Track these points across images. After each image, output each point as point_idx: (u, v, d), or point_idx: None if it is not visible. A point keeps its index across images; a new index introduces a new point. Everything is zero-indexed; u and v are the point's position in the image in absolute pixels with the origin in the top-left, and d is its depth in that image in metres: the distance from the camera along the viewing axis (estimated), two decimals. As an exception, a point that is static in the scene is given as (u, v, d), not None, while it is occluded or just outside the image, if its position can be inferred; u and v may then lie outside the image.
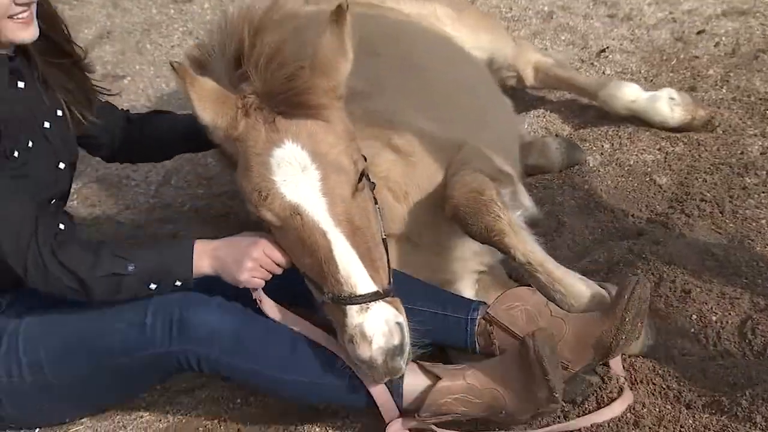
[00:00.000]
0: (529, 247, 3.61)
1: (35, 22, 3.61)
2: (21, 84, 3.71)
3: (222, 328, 3.43)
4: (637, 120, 5.43)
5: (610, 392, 3.52)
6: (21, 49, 3.72)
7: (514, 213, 3.75)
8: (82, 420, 3.88)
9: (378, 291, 3.22)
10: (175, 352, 3.41)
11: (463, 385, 3.41)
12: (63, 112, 3.88)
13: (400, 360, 3.25)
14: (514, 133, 4.95)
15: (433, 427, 3.47)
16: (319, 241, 3.23)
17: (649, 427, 3.41)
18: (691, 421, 3.38)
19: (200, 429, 3.81)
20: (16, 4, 3.47)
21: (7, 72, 3.67)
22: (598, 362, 3.52)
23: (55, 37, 3.88)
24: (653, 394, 3.59)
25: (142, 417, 3.90)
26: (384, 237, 3.46)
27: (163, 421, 3.89)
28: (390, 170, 3.86)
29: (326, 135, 3.29)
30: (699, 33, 6.50)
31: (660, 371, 3.66)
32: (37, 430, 3.87)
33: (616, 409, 3.48)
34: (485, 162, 3.94)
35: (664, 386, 3.58)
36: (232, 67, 3.45)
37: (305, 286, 3.45)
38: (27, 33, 3.60)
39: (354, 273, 3.22)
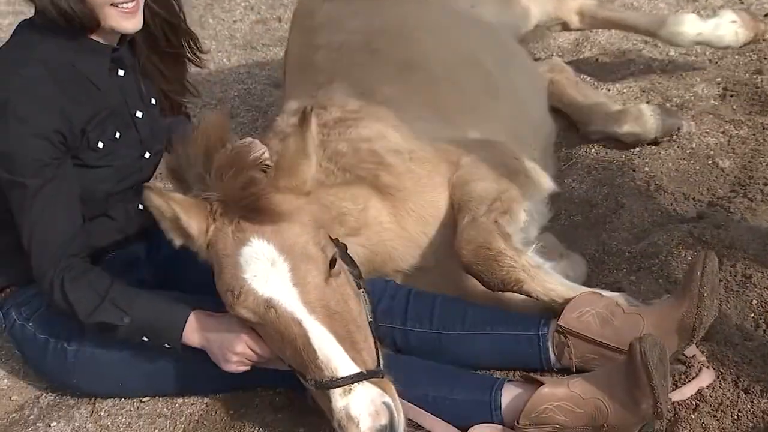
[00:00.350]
0: (548, 286, 3.56)
1: (140, 14, 3.63)
2: (121, 72, 3.78)
3: None
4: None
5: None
6: (125, 36, 3.75)
7: (515, 237, 3.69)
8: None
9: (361, 372, 3.20)
10: None
11: (566, 392, 3.32)
12: (158, 102, 3.96)
13: None
14: (534, 92, 4.79)
15: None
16: (295, 330, 3.23)
17: (708, 412, 3.36)
18: (749, 406, 3.35)
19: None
20: None
21: (109, 62, 3.73)
22: (684, 348, 3.46)
23: (166, 26, 3.93)
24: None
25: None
26: (370, 320, 3.42)
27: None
28: (382, 216, 3.88)
29: (291, 227, 3.31)
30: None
31: (719, 356, 3.59)
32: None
33: (693, 387, 3.45)
34: (485, 175, 3.88)
35: (722, 371, 3.52)
36: (201, 176, 3.45)
37: None
38: (130, 23, 3.62)
39: (333, 357, 3.20)
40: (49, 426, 3.83)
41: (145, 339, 3.56)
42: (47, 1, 3.50)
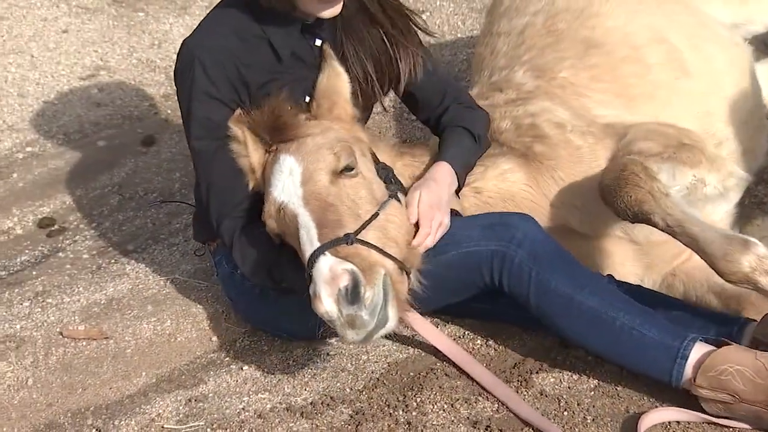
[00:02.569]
0: (668, 210, 3.36)
1: (341, 3, 3.65)
2: (318, 42, 3.83)
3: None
4: None
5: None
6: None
7: (666, 183, 3.50)
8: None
9: (320, 246, 3.21)
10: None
11: (752, 359, 3.21)
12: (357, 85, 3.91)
13: (360, 311, 3.12)
14: (732, 66, 4.39)
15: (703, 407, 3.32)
16: (293, 222, 3.38)
17: None
18: None
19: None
20: None
21: (299, 32, 3.79)
22: None
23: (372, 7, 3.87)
24: None
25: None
26: (376, 212, 3.41)
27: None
28: (514, 186, 3.92)
29: (312, 140, 3.54)
30: None
31: None
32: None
33: None
34: (652, 138, 3.74)
35: None
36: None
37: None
38: (328, 11, 3.66)
39: (310, 239, 3.27)
40: (242, 369, 3.98)
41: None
42: None
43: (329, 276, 3.12)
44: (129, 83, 6.61)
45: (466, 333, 4.05)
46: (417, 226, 3.58)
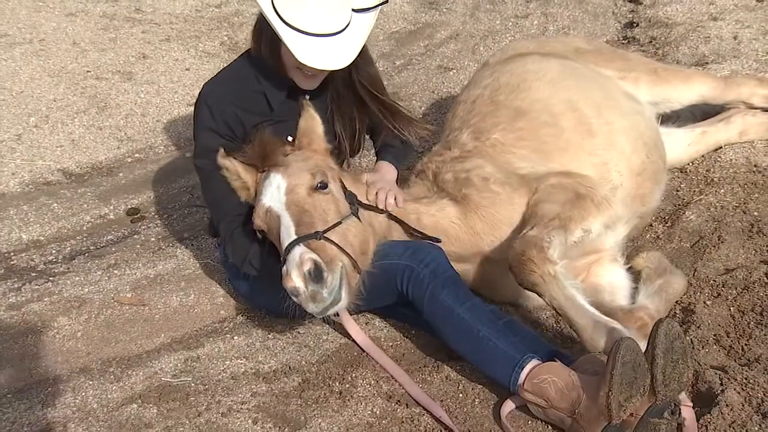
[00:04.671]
0: (553, 295, 3.22)
1: (320, 79, 3.70)
2: (307, 97, 3.76)
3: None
4: None
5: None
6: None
7: (558, 253, 3.33)
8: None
9: (294, 239, 3.20)
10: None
11: (566, 375, 3.07)
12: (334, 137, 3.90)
13: (321, 288, 3.13)
14: (629, 129, 4.10)
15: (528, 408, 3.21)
16: (275, 222, 3.38)
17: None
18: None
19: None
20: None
21: (287, 89, 3.75)
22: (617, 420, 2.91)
23: (355, 78, 3.81)
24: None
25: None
26: (339, 221, 3.39)
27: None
28: (452, 216, 3.79)
29: (295, 164, 3.52)
30: None
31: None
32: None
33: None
34: (553, 196, 3.58)
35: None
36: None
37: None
38: (308, 84, 3.72)
39: (287, 234, 3.26)
40: (233, 338, 3.89)
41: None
42: (256, 50, 3.71)
43: (299, 261, 3.12)
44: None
45: (405, 327, 3.90)
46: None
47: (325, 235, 3.27)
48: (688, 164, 4.75)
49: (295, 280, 3.09)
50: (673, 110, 4.72)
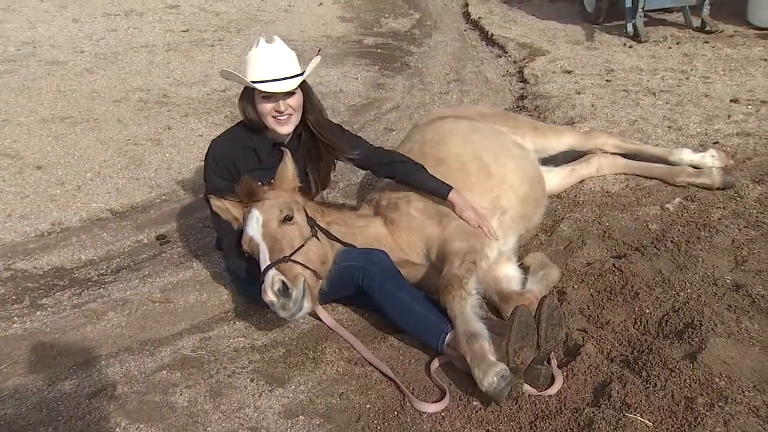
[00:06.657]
0: (456, 321, 3.19)
1: (292, 124, 3.63)
2: (283, 148, 3.72)
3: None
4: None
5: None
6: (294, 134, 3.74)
7: (473, 287, 3.36)
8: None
9: (269, 264, 3.22)
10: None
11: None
12: (305, 179, 3.84)
13: (288, 301, 3.20)
14: (517, 173, 4.15)
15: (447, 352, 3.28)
16: (255, 249, 3.42)
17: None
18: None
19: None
20: (276, 111, 3.54)
21: (271, 146, 3.73)
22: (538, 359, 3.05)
23: (310, 123, 3.78)
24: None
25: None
26: (303, 243, 3.41)
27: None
28: (380, 232, 3.85)
29: (270, 202, 3.50)
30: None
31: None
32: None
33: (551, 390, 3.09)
34: (461, 236, 3.64)
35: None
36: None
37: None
38: (283, 129, 3.64)
39: (263, 259, 3.31)
40: (236, 323, 3.90)
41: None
42: (242, 113, 3.71)
43: (271, 282, 3.20)
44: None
45: (360, 310, 3.94)
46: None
47: (291, 258, 3.31)
48: (562, 192, 4.95)
49: (270, 296, 3.17)
50: (550, 155, 4.92)
